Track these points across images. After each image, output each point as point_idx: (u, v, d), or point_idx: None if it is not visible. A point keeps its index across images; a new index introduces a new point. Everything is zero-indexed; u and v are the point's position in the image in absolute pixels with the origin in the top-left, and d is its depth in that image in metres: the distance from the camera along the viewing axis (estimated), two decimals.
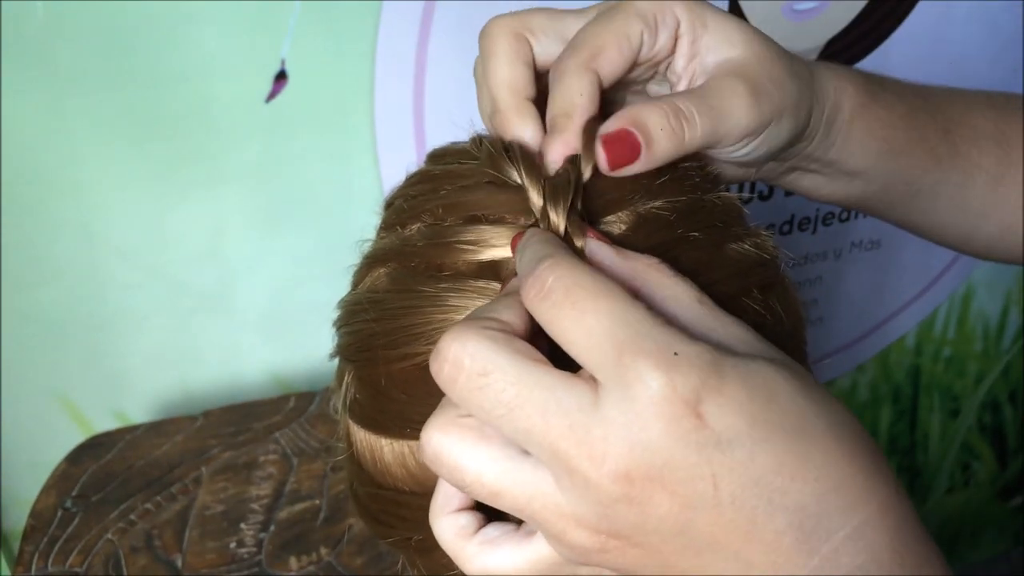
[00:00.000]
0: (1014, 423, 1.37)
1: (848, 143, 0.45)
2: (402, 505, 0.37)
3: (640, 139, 0.36)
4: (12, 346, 0.84)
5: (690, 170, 0.39)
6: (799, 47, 0.83)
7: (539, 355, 0.29)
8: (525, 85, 0.39)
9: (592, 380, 0.28)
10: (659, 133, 0.37)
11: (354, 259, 0.41)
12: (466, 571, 0.32)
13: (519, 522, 0.32)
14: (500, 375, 0.28)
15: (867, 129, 0.45)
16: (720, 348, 0.29)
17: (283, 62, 0.79)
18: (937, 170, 0.48)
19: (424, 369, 0.34)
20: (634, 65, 0.39)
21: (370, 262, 0.40)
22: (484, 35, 0.40)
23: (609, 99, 0.40)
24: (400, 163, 0.87)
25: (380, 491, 0.38)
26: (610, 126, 0.37)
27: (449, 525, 0.32)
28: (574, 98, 0.37)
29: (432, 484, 0.33)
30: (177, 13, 0.74)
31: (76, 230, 0.81)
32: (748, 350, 0.30)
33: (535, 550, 0.31)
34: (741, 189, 1.00)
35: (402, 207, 0.39)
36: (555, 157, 0.37)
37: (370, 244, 0.41)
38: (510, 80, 0.39)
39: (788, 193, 1.07)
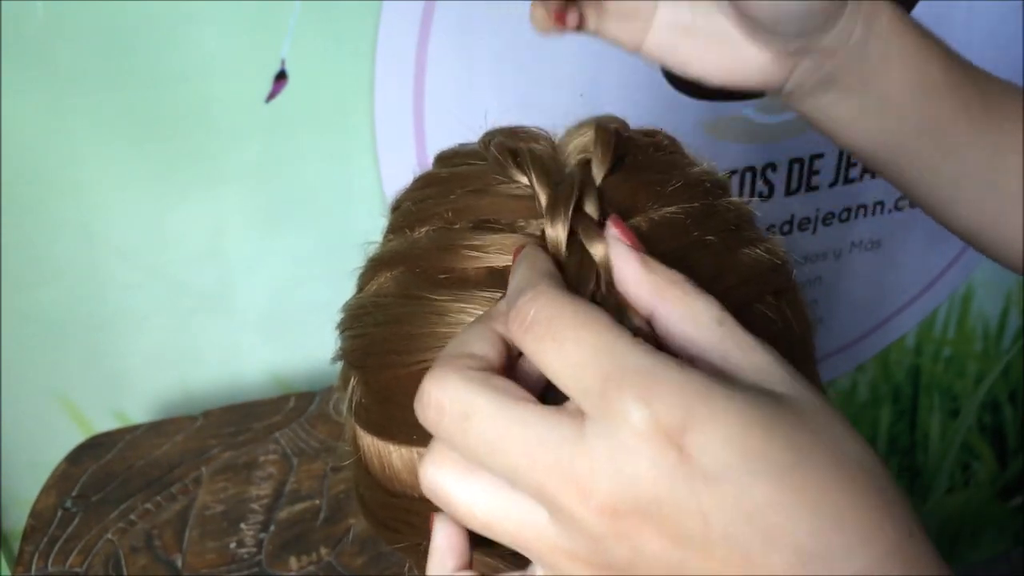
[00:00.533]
0: (1014, 423, 1.37)
1: (883, 65, 0.45)
2: (412, 512, 0.37)
3: None
4: (12, 346, 0.84)
5: (702, 176, 0.39)
6: None
7: (521, 392, 0.28)
8: None
9: (579, 412, 0.28)
10: None
11: (355, 259, 0.41)
12: None
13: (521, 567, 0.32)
14: (481, 416, 0.28)
15: (902, 54, 0.45)
16: (720, 376, 0.28)
17: (283, 62, 0.79)
18: (968, 130, 0.47)
19: None
20: None
21: (376, 265, 0.39)
22: None
23: None
24: (400, 163, 0.87)
25: (389, 497, 0.38)
26: None
27: None
28: None
29: None
30: (177, 13, 0.74)
31: (76, 230, 0.81)
32: (764, 378, 0.29)
33: None
34: (741, 192, 1.00)
35: (410, 210, 0.39)
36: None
37: (376, 246, 0.41)
38: None
39: (788, 193, 1.07)
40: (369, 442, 0.38)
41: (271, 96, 0.80)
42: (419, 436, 0.35)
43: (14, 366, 0.85)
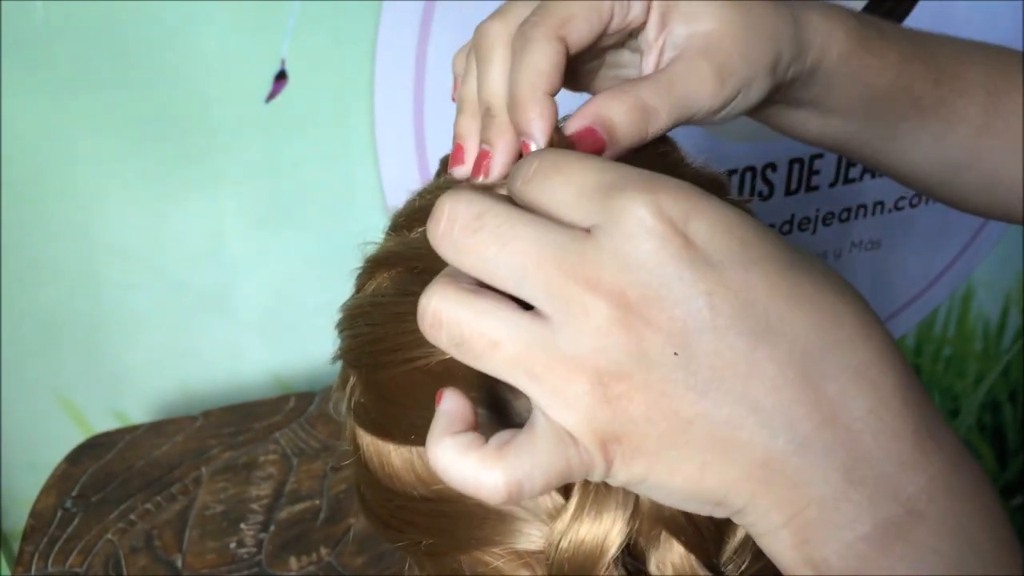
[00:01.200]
0: (1014, 423, 1.37)
1: (831, 88, 0.45)
2: (412, 511, 0.37)
3: (604, 135, 0.37)
4: (12, 346, 0.84)
5: (697, 174, 0.39)
6: None
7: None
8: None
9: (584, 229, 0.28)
10: (623, 127, 0.37)
11: (355, 259, 0.41)
12: (488, 490, 0.28)
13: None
14: (493, 215, 0.28)
15: (852, 76, 0.45)
16: None
17: (283, 62, 0.79)
18: (918, 119, 0.47)
19: (427, 374, 0.34)
20: (604, 34, 0.39)
21: (374, 265, 0.39)
22: (480, 40, 0.40)
23: (580, 64, 0.41)
24: (400, 163, 0.87)
25: (390, 496, 0.38)
26: (574, 125, 0.37)
27: (454, 445, 0.29)
28: (540, 66, 0.37)
29: (441, 487, 0.32)
30: (177, 13, 0.74)
31: (76, 230, 0.81)
32: None
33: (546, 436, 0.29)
34: (741, 191, 1.00)
35: (413, 208, 0.39)
36: (528, 126, 0.37)
37: (374, 246, 0.41)
38: (501, 91, 0.39)
39: (788, 193, 1.07)
40: (369, 441, 0.38)
41: (271, 96, 0.80)
42: (417, 436, 0.35)
43: (14, 366, 0.85)
